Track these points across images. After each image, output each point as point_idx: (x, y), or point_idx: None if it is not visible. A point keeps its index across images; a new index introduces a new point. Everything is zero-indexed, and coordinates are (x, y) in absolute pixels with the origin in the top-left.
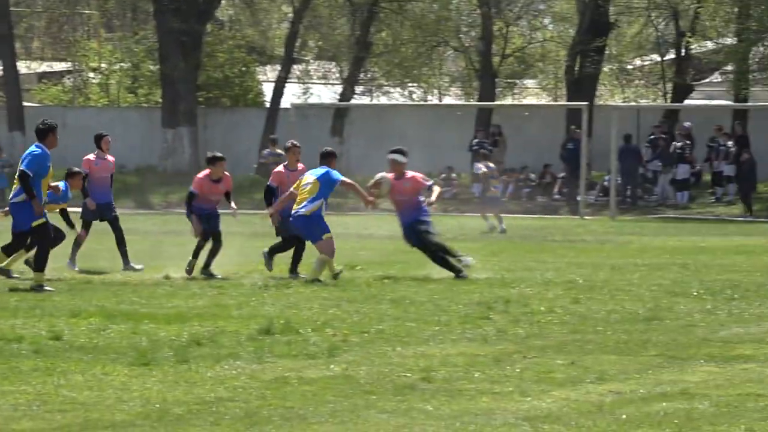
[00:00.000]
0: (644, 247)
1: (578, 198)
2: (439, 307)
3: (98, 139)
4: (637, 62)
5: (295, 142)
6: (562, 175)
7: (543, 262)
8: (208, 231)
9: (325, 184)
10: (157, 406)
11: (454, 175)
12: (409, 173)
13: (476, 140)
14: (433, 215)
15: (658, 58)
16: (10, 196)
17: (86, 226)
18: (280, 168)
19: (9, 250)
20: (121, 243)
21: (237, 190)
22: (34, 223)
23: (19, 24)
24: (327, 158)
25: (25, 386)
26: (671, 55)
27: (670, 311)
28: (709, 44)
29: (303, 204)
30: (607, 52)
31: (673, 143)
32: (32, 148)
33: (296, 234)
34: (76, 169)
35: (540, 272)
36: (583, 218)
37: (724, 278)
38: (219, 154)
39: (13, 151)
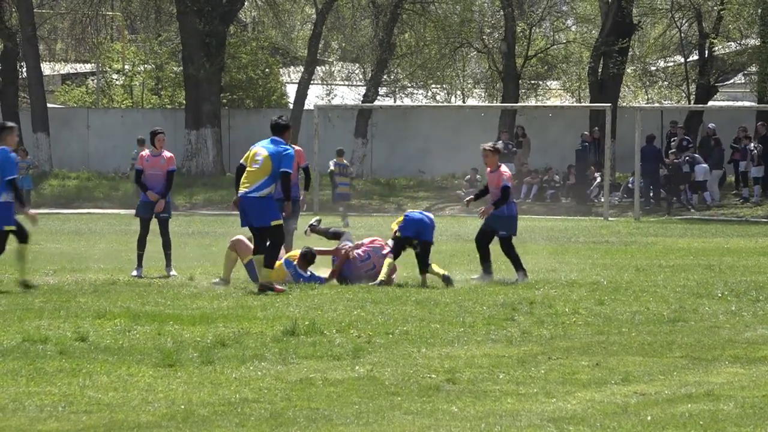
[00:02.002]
0: (669, 248)
1: (602, 199)
2: (463, 309)
3: (152, 136)
4: (661, 63)
5: None
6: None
7: (567, 264)
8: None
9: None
10: (182, 407)
11: (478, 176)
12: None
13: (500, 141)
14: (458, 217)
15: (682, 60)
16: (249, 189)
17: (142, 224)
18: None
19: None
20: (166, 246)
21: None
22: (274, 222)
23: (42, 26)
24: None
25: (51, 387)
26: (695, 57)
27: (694, 312)
28: (733, 45)
29: None
30: (630, 53)
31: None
32: (281, 147)
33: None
34: None
35: (564, 273)
36: (608, 219)
37: (749, 279)
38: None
39: (38, 153)
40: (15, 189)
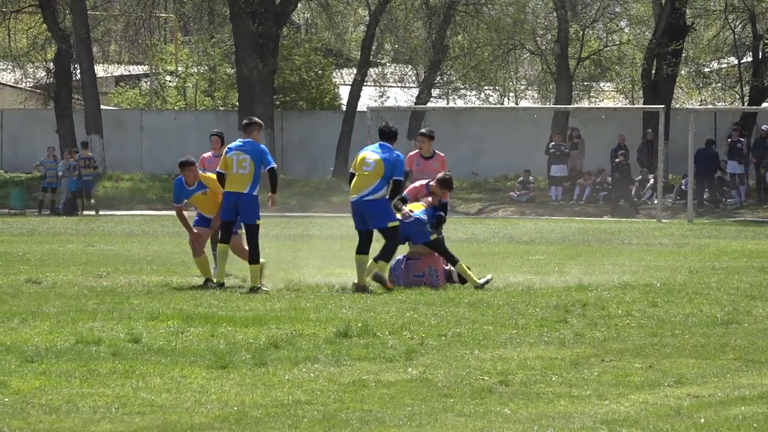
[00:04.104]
0: (722, 250)
1: (654, 201)
2: (516, 311)
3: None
4: (714, 65)
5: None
6: (639, 177)
7: (620, 266)
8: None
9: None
10: (235, 408)
11: (531, 178)
12: None
13: (553, 143)
14: (510, 218)
15: (735, 61)
16: (364, 193)
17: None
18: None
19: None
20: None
21: (313, 194)
22: (391, 224)
23: (96, 28)
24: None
25: (104, 389)
26: (748, 58)
27: (748, 315)
28: None
29: None
30: (683, 54)
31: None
32: (393, 153)
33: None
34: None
35: (617, 275)
36: (661, 221)
37: None
38: (426, 131)
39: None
40: (273, 178)
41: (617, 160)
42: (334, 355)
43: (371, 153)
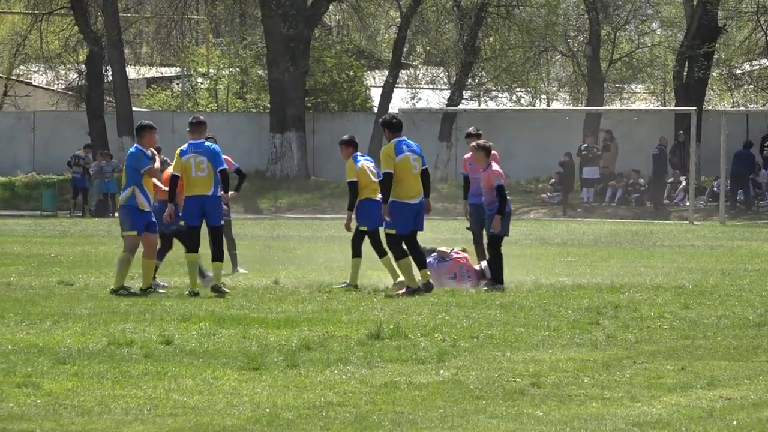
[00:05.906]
0: (754, 252)
1: (686, 203)
2: (548, 313)
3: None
4: (746, 67)
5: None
6: (670, 180)
7: (652, 268)
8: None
9: None
10: (267, 410)
11: None
12: None
13: (585, 145)
14: (542, 220)
15: (767, 63)
16: (422, 195)
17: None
18: None
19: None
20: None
21: (345, 195)
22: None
23: (128, 30)
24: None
25: (136, 390)
26: None
27: None
28: None
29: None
30: (715, 56)
31: None
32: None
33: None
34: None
35: (649, 277)
36: (693, 223)
37: None
38: (473, 130)
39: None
40: (225, 180)
41: (562, 160)
42: (366, 357)
43: (410, 153)
